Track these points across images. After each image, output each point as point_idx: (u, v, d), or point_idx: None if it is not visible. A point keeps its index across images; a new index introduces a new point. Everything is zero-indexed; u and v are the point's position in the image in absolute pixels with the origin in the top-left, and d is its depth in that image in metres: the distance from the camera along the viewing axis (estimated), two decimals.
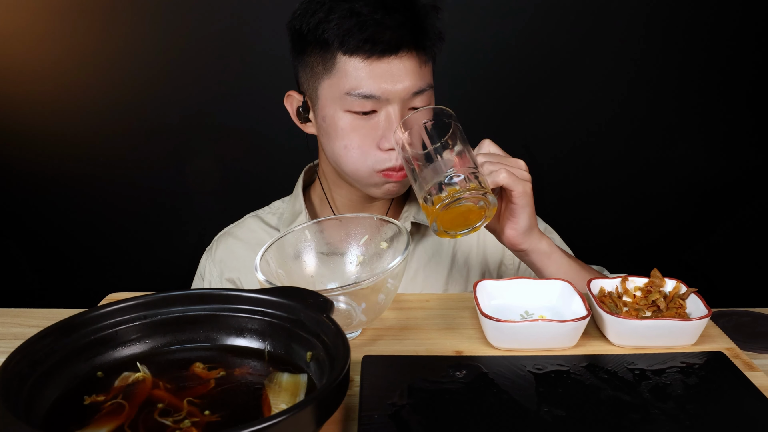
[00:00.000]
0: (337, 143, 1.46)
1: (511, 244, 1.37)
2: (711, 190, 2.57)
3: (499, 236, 1.39)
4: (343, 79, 1.41)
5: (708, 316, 1.08)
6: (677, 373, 1.00)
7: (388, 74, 1.40)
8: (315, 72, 1.46)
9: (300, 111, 1.54)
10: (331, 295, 1.01)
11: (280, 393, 0.85)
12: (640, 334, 1.08)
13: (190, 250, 1.88)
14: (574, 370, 1.01)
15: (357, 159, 1.45)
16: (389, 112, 1.42)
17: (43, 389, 0.82)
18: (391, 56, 1.40)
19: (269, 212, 1.75)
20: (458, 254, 1.66)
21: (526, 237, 1.36)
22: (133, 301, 0.94)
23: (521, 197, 1.31)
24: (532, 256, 1.38)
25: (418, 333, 1.16)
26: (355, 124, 1.43)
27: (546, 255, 1.38)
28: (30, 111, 2.47)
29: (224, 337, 0.96)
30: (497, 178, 1.28)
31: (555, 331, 1.06)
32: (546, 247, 1.38)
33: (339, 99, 1.42)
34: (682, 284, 1.18)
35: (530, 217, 1.34)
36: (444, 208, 1.19)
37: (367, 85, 1.40)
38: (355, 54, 1.39)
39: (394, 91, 1.40)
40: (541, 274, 1.40)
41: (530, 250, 1.38)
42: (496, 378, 0.98)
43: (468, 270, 1.66)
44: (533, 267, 1.41)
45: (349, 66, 1.40)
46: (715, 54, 2.42)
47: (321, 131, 1.51)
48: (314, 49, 1.45)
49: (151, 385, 0.87)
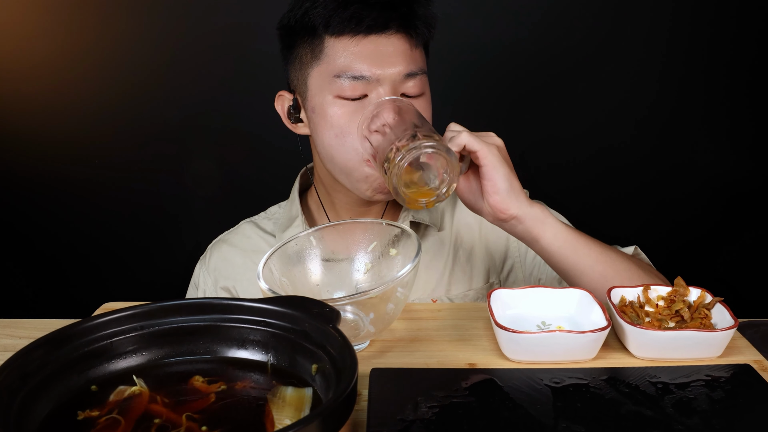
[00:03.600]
0: (327, 132, 1.47)
1: (500, 212, 1.32)
2: (737, 195, 2.56)
3: (485, 212, 1.35)
4: (331, 62, 1.43)
5: (734, 326, 1.08)
6: (702, 387, 0.99)
7: (377, 53, 1.42)
8: (304, 62, 1.49)
9: (291, 110, 1.55)
10: (338, 304, 1.01)
11: (283, 408, 0.85)
12: (663, 346, 1.08)
13: (188, 258, 1.88)
14: (594, 384, 1.00)
15: (348, 147, 1.45)
16: (380, 95, 1.42)
17: (34, 404, 0.82)
18: (379, 35, 1.42)
19: (265, 218, 1.76)
20: (460, 252, 1.66)
21: (513, 200, 1.31)
22: (129, 311, 0.94)
23: (487, 156, 1.28)
24: (526, 223, 1.33)
25: (429, 344, 1.16)
26: (345, 110, 1.44)
27: (539, 221, 1.33)
28: (19, 111, 2.48)
29: (225, 348, 0.96)
30: (457, 139, 1.29)
31: (573, 343, 1.06)
32: (539, 212, 1.33)
33: (328, 84, 1.44)
34: (707, 293, 1.18)
35: (507, 178, 1.30)
36: (399, 168, 1.21)
37: (356, 66, 1.42)
38: (341, 34, 1.42)
39: (383, 71, 1.42)
40: (538, 243, 1.35)
41: (521, 216, 1.32)
42: (511, 392, 0.98)
43: (471, 268, 1.66)
44: (528, 237, 1.36)
45: (337, 48, 1.43)
46: (743, 52, 2.42)
47: (312, 125, 1.52)
48: (302, 40, 1.48)
49: (147, 400, 0.87)
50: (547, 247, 1.35)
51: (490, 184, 1.30)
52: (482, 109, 2.47)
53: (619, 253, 1.40)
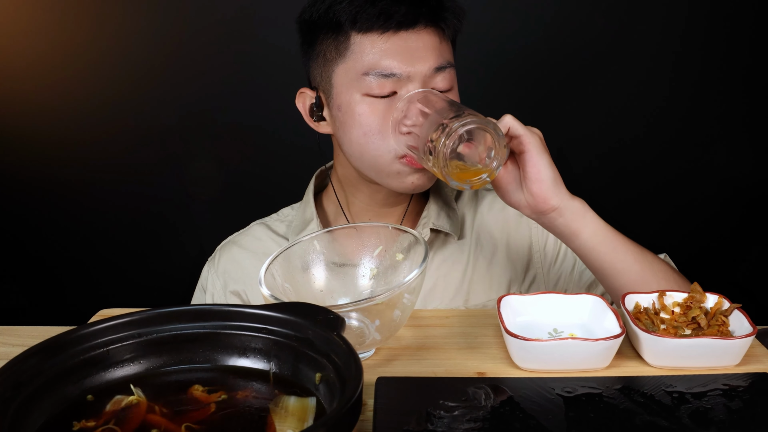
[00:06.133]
0: (355, 131, 1.47)
1: (542, 201, 1.32)
2: (757, 198, 2.56)
3: (523, 203, 1.35)
4: (359, 60, 1.44)
5: (753, 334, 1.07)
6: (719, 397, 0.99)
7: (406, 50, 1.42)
8: (328, 59, 1.49)
9: (313, 109, 1.55)
10: (343, 311, 1.01)
11: (286, 418, 0.85)
12: (679, 354, 1.08)
13: (189, 263, 1.88)
14: (607, 393, 1.00)
15: (378, 145, 1.46)
16: (410, 92, 1.43)
17: (28, 414, 0.82)
18: (408, 31, 1.43)
19: (277, 219, 1.75)
20: (480, 261, 1.65)
21: (555, 190, 1.32)
22: (127, 318, 0.94)
23: (531, 142, 1.30)
24: (567, 216, 1.33)
25: (436, 353, 1.16)
26: (374, 108, 1.45)
27: (580, 215, 1.33)
28: (12, 111, 2.48)
29: (225, 357, 0.96)
30: (502, 121, 1.30)
31: (586, 351, 1.06)
32: (579, 206, 1.34)
33: (356, 82, 1.44)
34: (724, 299, 1.18)
35: (552, 167, 1.31)
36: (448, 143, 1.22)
37: (385, 63, 1.42)
38: (369, 31, 1.43)
39: (414, 68, 1.42)
40: (577, 239, 1.35)
41: (562, 209, 1.33)
42: (522, 402, 0.98)
43: (491, 277, 1.64)
44: (567, 231, 1.36)
45: (364, 44, 1.43)
46: (761, 49, 2.41)
47: (337, 123, 1.52)
48: (326, 35, 1.48)
49: (145, 410, 0.87)
50: (586, 242, 1.35)
51: (534, 171, 1.31)
52: (491, 113, 2.47)
53: (656, 256, 1.41)
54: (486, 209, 1.68)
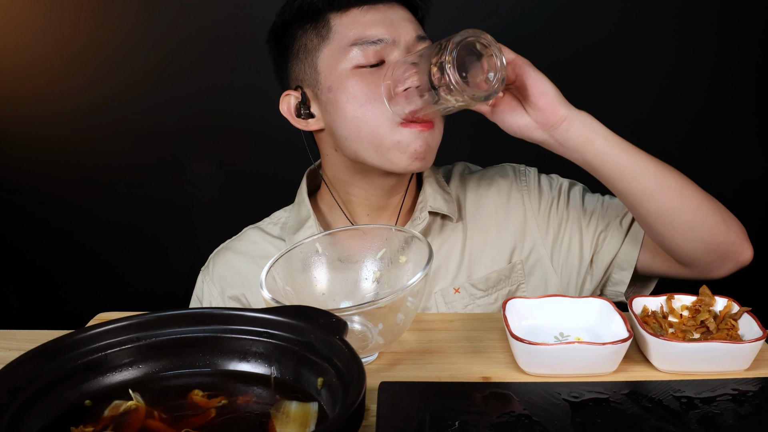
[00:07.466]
0: (349, 106, 1.48)
1: (551, 113, 1.35)
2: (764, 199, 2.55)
3: (532, 124, 1.38)
4: (343, 37, 1.49)
5: (763, 338, 1.07)
6: (728, 402, 0.99)
7: (387, 19, 1.49)
8: (310, 49, 1.53)
9: (299, 108, 1.56)
10: (345, 314, 1.01)
11: (287, 423, 0.85)
12: (688, 358, 1.08)
13: (187, 266, 1.87)
14: (615, 398, 1.00)
15: (376, 114, 1.47)
16: (397, 57, 1.47)
17: (24, 419, 0.82)
18: (384, 4, 1.51)
19: (270, 222, 1.75)
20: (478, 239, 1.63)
21: (562, 100, 1.35)
22: (125, 322, 0.94)
23: (524, 62, 1.35)
24: (577, 124, 1.36)
25: (441, 357, 1.16)
26: (364, 78, 1.48)
27: (589, 122, 1.37)
28: (9, 111, 2.48)
29: (226, 361, 0.96)
30: None
31: (593, 355, 1.06)
32: (586, 115, 1.37)
33: (344, 57, 1.48)
34: (734, 303, 1.18)
35: (550, 81, 1.35)
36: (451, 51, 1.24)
37: (371, 32, 1.48)
38: (348, 8, 1.50)
39: (398, 33, 1.48)
40: (592, 146, 1.38)
41: (572, 117, 1.35)
42: (527, 407, 0.98)
43: (491, 251, 1.64)
44: (581, 140, 1.38)
45: (345, 22, 1.50)
46: None
47: (329, 107, 1.52)
48: (304, 28, 1.54)
49: (144, 415, 0.88)
50: (602, 147, 1.37)
51: (536, 85, 1.34)
52: None
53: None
54: (474, 186, 1.69)
